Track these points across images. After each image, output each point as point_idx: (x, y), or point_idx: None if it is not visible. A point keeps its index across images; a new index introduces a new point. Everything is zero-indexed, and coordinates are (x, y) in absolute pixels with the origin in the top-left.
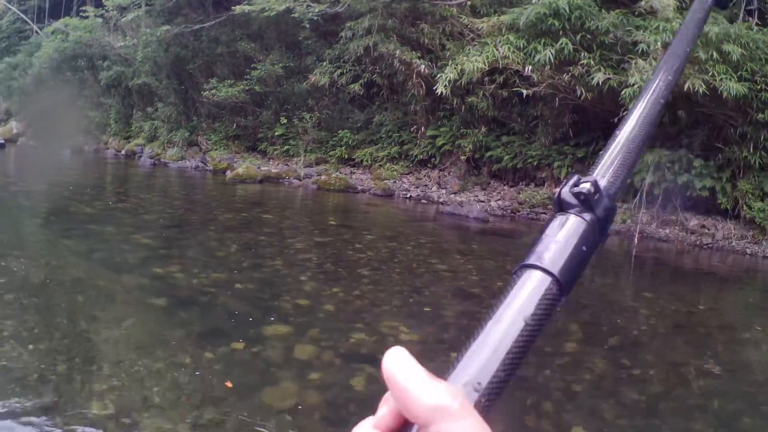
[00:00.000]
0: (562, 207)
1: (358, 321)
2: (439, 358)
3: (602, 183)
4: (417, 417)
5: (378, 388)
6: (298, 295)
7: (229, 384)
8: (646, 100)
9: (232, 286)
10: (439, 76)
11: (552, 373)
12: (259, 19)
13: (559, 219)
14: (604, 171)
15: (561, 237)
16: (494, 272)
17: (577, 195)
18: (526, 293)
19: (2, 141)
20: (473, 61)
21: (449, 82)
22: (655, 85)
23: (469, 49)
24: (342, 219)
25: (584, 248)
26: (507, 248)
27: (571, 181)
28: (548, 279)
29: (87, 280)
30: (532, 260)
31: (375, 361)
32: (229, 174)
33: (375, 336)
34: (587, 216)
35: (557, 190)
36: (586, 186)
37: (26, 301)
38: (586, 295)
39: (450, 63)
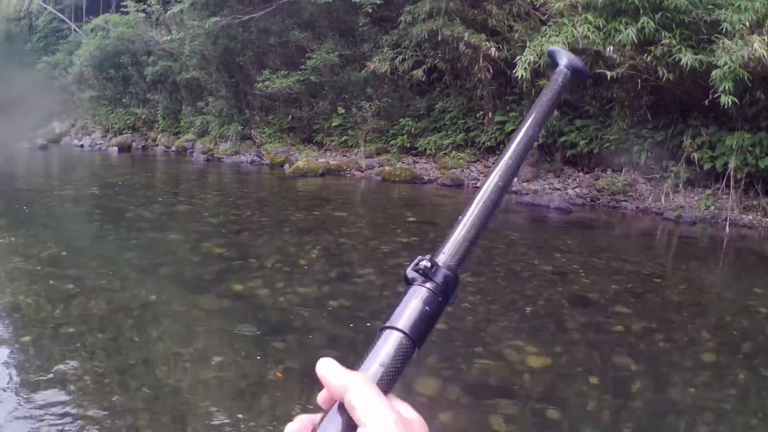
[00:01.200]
0: (408, 281)
1: (477, 342)
2: (576, 386)
3: (440, 259)
4: (334, 392)
5: (518, 428)
6: None
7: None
8: (486, 186)
9: (325, 304)
10: (517, 58)
11: (698, 392)
12: (310, 7)
13: (409, 290)
14: (445, 249)
15: (409, 303)
16: (603, 272)
17: (417, 270)
18: (386, 349)
19: (44, 142)
20: (552, 42)
21: (529, 64)
22: (495, 170)
23: (545, 30)
24: (420, 214)
25: (428, 308)
26: (603, 243)
27: (414, 262)
28: (402, 336)
29: (158, 304)
30: (389, 323)
31: (509, 393)
32: (287, 168)
33: (500, 361)
34: (428, 285)
35: (405, 270)
36: (424, 263)
37: (90, 337)
38: (703, 295)
39: (528, 45)
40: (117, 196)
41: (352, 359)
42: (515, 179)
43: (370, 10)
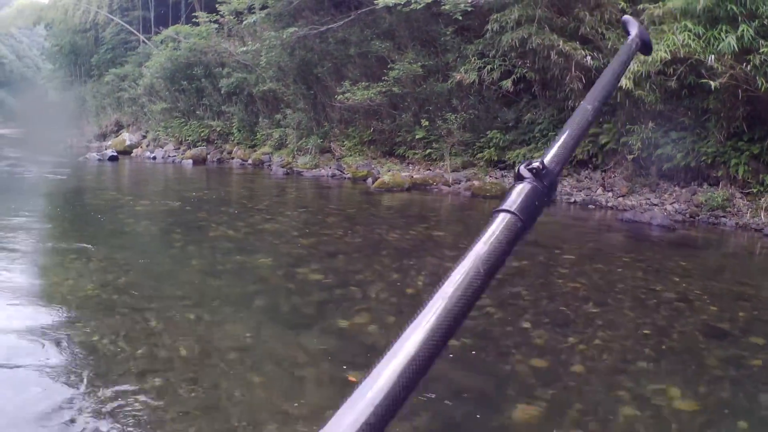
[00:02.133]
0: (520, 178)
1: (616, 386)
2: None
3: (547, 162)
4: None
5: None
6: (530, 351)
7: None
8: (582, 108)
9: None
10: None
11: None
12: (389, 17)
13: (518, 185)
14: (550, 153)
15: (522, 194)
16: (727, 298)
17: (530, 170)
18: (500, 227)
19: (114, 153)
20: (654, 51)
21: (631, 73)
22: (591, 98)
23: None
24: None
25: (536, 203)
26: (715, 263)
27: (525, 162)
28: (515, 218)
29: (255, 344)
30: (504, 206)
31: None
32: (370, 182)
33: (647, 409)
34: (537, 183)
35: (517, 167)
36: (535, 164)
37: (182, 389)
38: None
39: None
40: (197, 212)
41: (485, 412)
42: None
43: (460, 17)
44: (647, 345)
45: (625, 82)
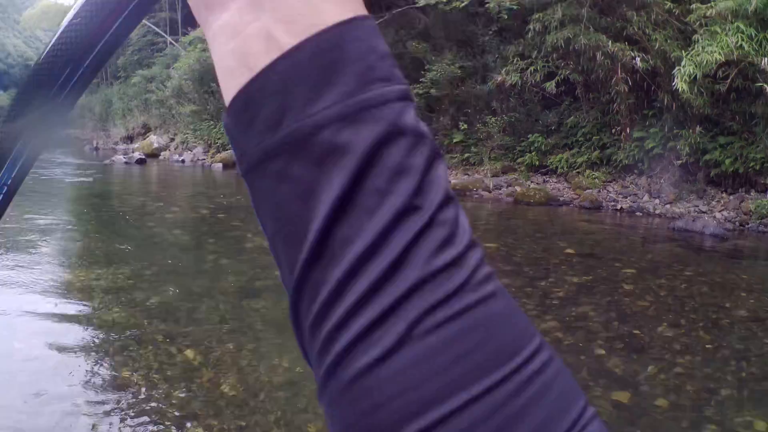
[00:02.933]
0: None
1: (704, 421)
2: None
3: None
4: None
5: None
6: (609, 383)
7: None
8: None
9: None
10: (675, 70)
11: None
12: (424, 18)
13: None
14: None
15: None
16: None
17: None
18: None
19: (143, 156)
20: (709, 53)
21: (688, 76)
22: None
23: (697, 38)
24: (575, 244)
25: None
26: None
27: None
28: None
29: (308, 381)
30: None
31: None
32: None
33: None
34: None
35: None
36: None
37: None
38: None
39: (684, 55)
40: (230, 221)
41: None
42: None
43: (506, 17)
44: (728, 371)
45: (681, 86)
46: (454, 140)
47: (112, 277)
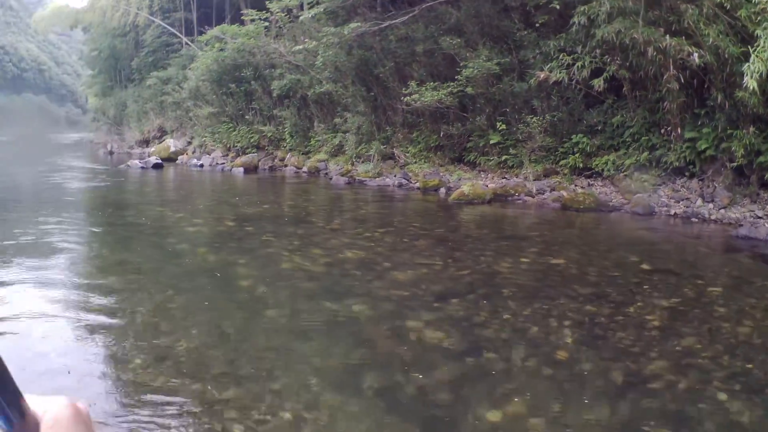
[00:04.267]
0: None
1: None
2: None
3: None
4: None
5: None
6: None
7: None
8: None
9: None
10: (745, 67)
11: None
12: (456, 12)
13: None
14: None
15: None
16: None
17: None
18: None
19: (159, 160)
20: None
21: (759, 74)
22: None
23: (758, 34)
24: (646, 258)
25: None
26: None
27: None
28: None
29: None
30: None
31: None
32: (442, 192)
33: None
34: None
35: None
36: None
37: None
38: None
39: (753, 52)
40: (261, 234)
41: None
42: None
43: (558, 6)
44: None
45: (751, 84)
46: (491, 141)
47: (130, 313)
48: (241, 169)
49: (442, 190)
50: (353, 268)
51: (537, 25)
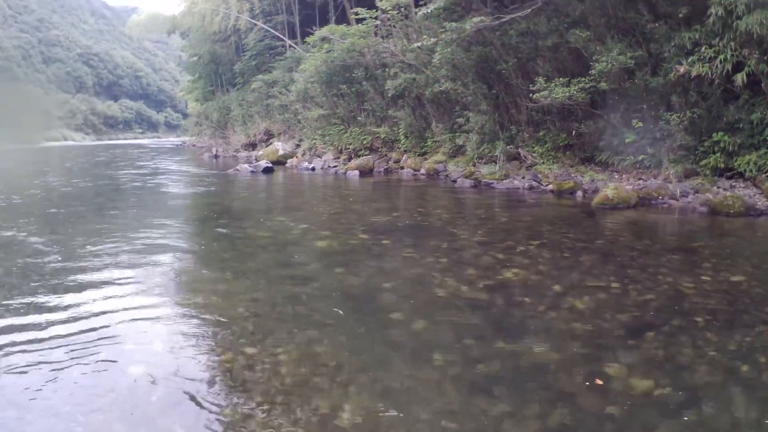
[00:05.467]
0: None
1: None
2: None
3: None
4: None
5: None
6: None
7: None
8: None
9: None
10: None
11: None
12: (580, 4)
13: None
14: None
15: None
16: None
17: None
18: None
19: (269, 164)
20: None
21: None
22: None
23: None
24: None
25: None
26: None
27: None
28: None
29: None
30: None
31: None
32: (579, 195)
33: None
34: None
35: None
36: None
37: None
38: None
39: None
40: (401, 250)
41: None
42: None
43: None
44: None
45: None
46: (626, 140)
47: (269, 365)
48: (356, 172)
49: (579, 192)
50: (519, 293)
51: (658, 18)
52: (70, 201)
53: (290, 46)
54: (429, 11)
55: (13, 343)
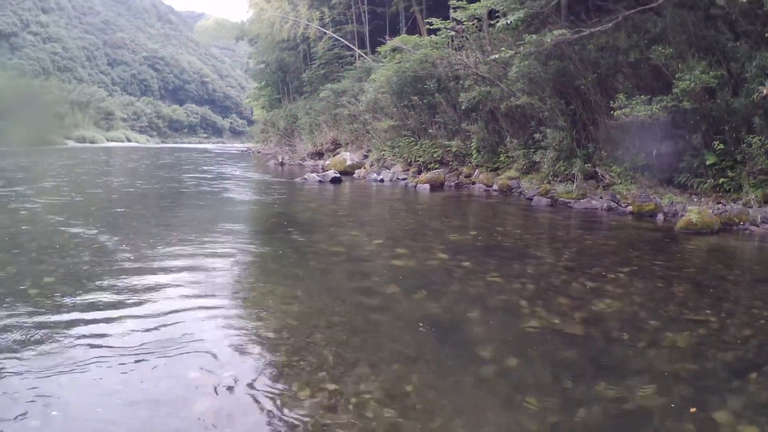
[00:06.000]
0: None
1: None
2: None
3: None
4: None
5: None
6: None
7: None
8: None
9: None
10: None
11: None
12: (660, 20)
13: None
14: None
15: None
16: None
17: None
18: None
19: (337, 174)
20: None
21: None
22: None
23: None
24: None
25: None
26: None
27: None
28: None
29: None
30: None
31: None
32: (660, 219)
33: None
34: None
35: None
36: None
37: None
38: None
39: None
40: (485, 274)
41: None
42: None
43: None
44: None
45: None
46: (707, 162)
47: (354, 405)
48: (427, 186)
49: (659, 215)
50: (616, 327)
51: (747, 35)
52: (135, 202)
53: (360, 55)
54: (509, 22)
55: (81, 336)
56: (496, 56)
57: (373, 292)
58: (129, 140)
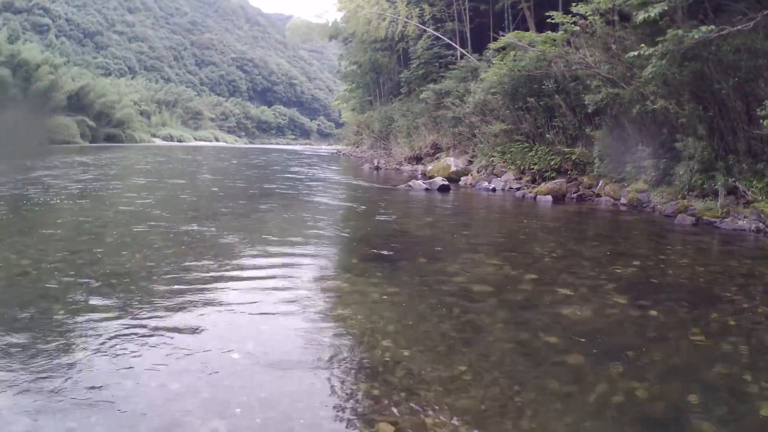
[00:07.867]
0: None
1: None
2: None
3: None
4: None
5: None
6: None
7: None
8: None
9: None
10: None
11: None
12: None
13: None
14: None
15: None
16: None
17: None
18: None
19: (445, 182)
20: None
21: None
22: None
23: None
24: None
25: None
26: None
27: None
28: None
29: None
30: None
31: None
32: None
33: None
34: None
35: None
36: None
37: None
38: None
39: None
40: (682, 328)
41: None
42: None
43: None
44: None
45: None
46: None
47: None
48: (549, 198)
49: None
50: None
51: None
52: (230, 200)
53: (463, 55)
54: (648, 15)
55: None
56: (635, 53)
57: (552, 363)
58: (217, 140)
